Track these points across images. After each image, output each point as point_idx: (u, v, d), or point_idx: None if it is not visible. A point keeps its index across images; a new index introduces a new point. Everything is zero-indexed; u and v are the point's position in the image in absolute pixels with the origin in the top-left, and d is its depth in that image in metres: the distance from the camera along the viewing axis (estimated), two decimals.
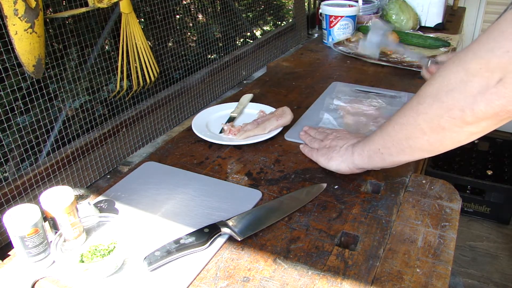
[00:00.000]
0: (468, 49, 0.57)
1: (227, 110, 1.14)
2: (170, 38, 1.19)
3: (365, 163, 0.80)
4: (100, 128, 0.95)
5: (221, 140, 0.99)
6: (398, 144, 0.70)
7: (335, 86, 1.27)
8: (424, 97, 0.64)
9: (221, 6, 1.38)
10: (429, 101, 0.62)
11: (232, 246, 0.70)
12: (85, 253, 0.66)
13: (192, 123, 1.05)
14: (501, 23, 0.53)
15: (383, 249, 0.68)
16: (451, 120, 0.59)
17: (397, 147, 0.70)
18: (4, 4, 0.68)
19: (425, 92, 0.64)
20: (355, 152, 0.81)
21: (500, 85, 0.53)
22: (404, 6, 1.78)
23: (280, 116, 1.02)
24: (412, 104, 0.66)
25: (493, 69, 0.53)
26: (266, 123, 1.01)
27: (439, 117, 0.61)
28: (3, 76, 0.73)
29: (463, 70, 0.57)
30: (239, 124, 1.04)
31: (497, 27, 0.53)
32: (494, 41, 0.53)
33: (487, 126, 0.58)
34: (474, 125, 0.58)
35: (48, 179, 0.83)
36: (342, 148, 0.84)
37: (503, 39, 0.52)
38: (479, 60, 0.54)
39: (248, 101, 1.18)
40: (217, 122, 1.08)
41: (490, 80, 0.53)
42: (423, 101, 0.63)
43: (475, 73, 0.55)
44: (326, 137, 0.92)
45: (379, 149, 0.74)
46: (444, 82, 0.60)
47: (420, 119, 0.64)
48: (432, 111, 0.62)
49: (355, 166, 0.82)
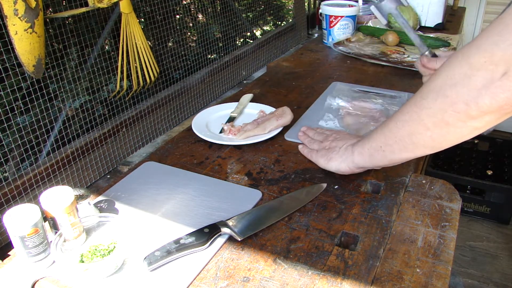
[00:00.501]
0: (472, 43, 0.57)
1: (227, 110, 1.14)
2: (170, 38, 1.19)
3: (366, 162, 0.79)
4: (100, 128, 0.95)
5: (221, 140, 0.99)
6: (400, 141, 0.70)
7: (335, 86, 1.27)
8: (427, 92, 0.63)
9: (221, 6, 1.38)
10: (433, 96, 0.62)
11: (232, 246, 0.70)
12: (85, 253, 0.66)
13: (192, 123, 1.05)
14: (505, 17, 0.53)
15: (383, 249, 0.68)
16: (455, 115, 0.59)
17: (400, 144, 0.70)
18: (4, 4, 0.68)
19: (428, 87, 0.63)
20: (355, 151, 0.81)
21: (504, 78, 0.52)
22: (404, 6, 1.77)
23: (280, 116, 1.02)
24: (415, 100, 0.66)
25: (498, 62, 0.53)
26: (266, 123, 1.01)
27: (443, 112, 0.60)
28: (3, 76, 0.73)
29: (467, 64, 0.56)
30: (239, 124, 1.04)
31: (501, 21, 0.53)
32: (499, 35, 0.53)
33: (490, 121, 0.58)
34: (478, 120, 0.58)
35: (48, 179, 0.83)
36: (341, 148, 0.84)
37: (507, 32, 0.52)
38: (483, 53, 0.54)
39: (248, 101, 1.18)
40: (217, 122, 1.08)
41: (495, 73, 0.53)
42: (426, 96, 0.63)
43: (479, 66, 0.55)
44: (325, 138, 0.91)
45: (381, 146, 0.74)
46: (447, 77, 0.59)
47: (423, 114, 0.64)
48: (436, 105, 0.61)
49: (355, 165, 0.81)
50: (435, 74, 0.63)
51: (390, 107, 1.11)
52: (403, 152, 0.71)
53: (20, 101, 0.77)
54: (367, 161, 0.79)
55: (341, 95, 1.18)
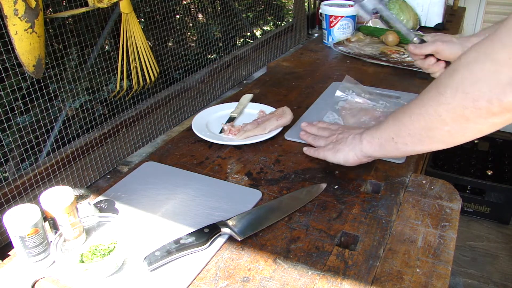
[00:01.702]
0: (494, 39, 0.56)
1: (227, 110, 1.14)
2: (170, 38, 1.19)
3: (375, 151, 0.78)
4: (100, 128, 0.95)
5: (221, 140, 0.99)
6: (415, 135, 0.69)
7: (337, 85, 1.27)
8: (444, 87, 0.62)
9: (221, 6, 1.38)
10: (451, 92, 0.61)
11: (232, 246, 0.70)
12: (85, 253, 0.66)
13: (192, 123, 1.05)
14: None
15: (383, 249, 0.68)
16: (476, 111, 0.58)
17: (414, 138, 0.69)
18: (4, 4, 0.68)
19: (446, 82, 0.62)
20: (363, 139, 0.79)
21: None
22: (404, 6, 1.78)
23: (280, 116, 1.02)
24: (431, 94, 0.64)
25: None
26: (266, 123, 1.01)
27: (463, 108, 0.59)
28: (3, 76, 0.73)
29: (490, 61, 0.55)
30: (239, 124, 1.04)
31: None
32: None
33: (510, 118, 0.57)
34: (499, 116, 0.57)
35: (48, 179, 0.83)
36: (349, 138, 0.83)
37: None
38: (509, 49, 0.53)
39: (248, 101, 1.18)
40: (217, 122, 1.08)
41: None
42: (444, 91, 0.62)
43: (503, 63, 0.53)
44: (332, 133, 0.90)
45: (393, 138, 0.73)
46: (467, 73, 0.58)
47: (441, 109, 0.62)
48: (455, 101, 0.60)
49: (363, 154, 0.80)
50: (452, 69, 0.62)
51: (392, 108, 1.11)
52: (417, 145, 0.70)
53: (20, 101, 0.77)
54: (376, 151, 0.78)
55: (347, 89, 1.18)
